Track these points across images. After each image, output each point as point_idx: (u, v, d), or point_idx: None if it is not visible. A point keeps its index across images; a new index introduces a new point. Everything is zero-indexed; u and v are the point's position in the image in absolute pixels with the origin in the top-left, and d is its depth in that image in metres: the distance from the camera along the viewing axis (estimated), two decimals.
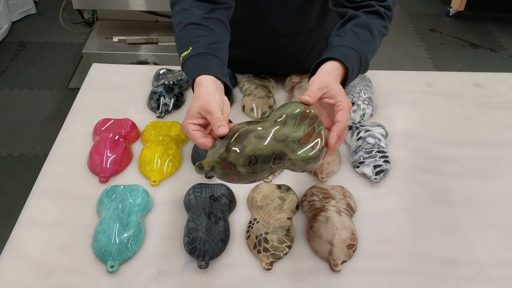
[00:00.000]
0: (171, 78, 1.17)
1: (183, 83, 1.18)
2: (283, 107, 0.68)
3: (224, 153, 0.63)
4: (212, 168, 0.63)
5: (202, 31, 0.84)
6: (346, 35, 0.84)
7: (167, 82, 1.15)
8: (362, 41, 0.83)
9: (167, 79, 1.17)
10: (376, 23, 0.87)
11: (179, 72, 1.20)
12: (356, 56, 0.80)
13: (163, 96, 1.11)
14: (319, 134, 0.66)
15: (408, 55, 2.91)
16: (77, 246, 0.82)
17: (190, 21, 0.85)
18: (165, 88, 1.13)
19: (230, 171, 0.63)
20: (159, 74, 1.20)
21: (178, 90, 1.15)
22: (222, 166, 0.63)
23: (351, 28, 0.85)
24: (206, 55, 0.80)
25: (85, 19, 2.56)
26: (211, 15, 0.87)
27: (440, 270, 0.81)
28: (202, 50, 0.80)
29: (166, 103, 1.11)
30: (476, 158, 1.03)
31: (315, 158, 0.64)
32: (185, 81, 1.18)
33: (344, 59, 0.77)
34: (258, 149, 0.63)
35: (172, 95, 1.12)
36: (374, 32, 0.86)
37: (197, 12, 0.86)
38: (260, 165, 0.63)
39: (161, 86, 1.13)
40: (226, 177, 0.64)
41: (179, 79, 1.18)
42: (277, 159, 0.64)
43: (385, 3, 0.90)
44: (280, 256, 0.80)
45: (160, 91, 1.11)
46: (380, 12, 0.88)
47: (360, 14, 0.87)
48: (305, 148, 0.64)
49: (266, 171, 0.64)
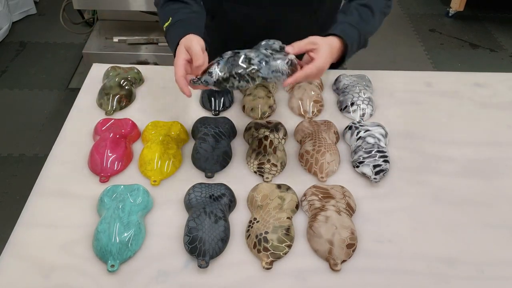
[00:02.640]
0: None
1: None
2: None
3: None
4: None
5: (178, 5, 0.97)
6: (350, 13, 0.94)
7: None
8: (363, 19, 0.94)
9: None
10: (378, 2, 0.97)
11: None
12: (355, 33, 0.91)
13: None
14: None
15: (408, 55, 2.91)
16: (77, 245, 0.82)
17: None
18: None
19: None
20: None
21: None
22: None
23: (355, 7, 0.95)
24: (185, 20, 0.93)
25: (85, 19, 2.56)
26: None
27: (440, 270, 0.81)
28: (181, 17, 0.93)
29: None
30: (476, 158, 1.03)
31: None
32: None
33: (344, 36, 0.88)
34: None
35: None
36: (375, 11, 0.95)
37: None
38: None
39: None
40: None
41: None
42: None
43: None
44: (280, 256, 0.80)
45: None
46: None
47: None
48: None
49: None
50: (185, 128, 1.06)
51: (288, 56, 0.83)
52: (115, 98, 1.12)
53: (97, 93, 1.15)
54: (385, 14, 0.99)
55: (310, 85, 1.15)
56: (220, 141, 0.99)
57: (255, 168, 0.96)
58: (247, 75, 0.82)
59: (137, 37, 2.28)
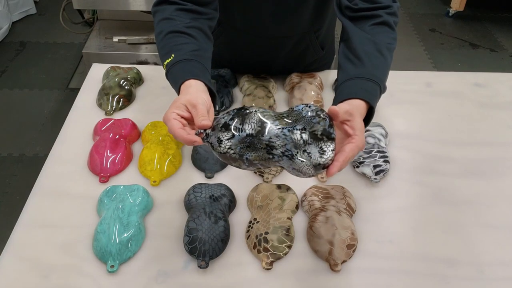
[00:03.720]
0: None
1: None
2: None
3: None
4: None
5: (184, 39, 0.83)
6: (362, 63, 0.80)
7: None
8: (377, 67, 0.80)
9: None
10: (384, 38, 0.83)
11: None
12: (377, 88, 0.78)
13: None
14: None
15: (408, 55, 2.91)
16: (77, 246, 0.82)
17: (172, 29, 0.84)
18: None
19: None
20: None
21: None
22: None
23: (364, 51, 0.81)
24: (190, 61, 0.79)
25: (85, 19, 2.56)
26: (193, 24, 0.86)
27: (440, 270, 0.81)
28: (185, 57, 0.79)
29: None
30: (476, 158, 1.03)
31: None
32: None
33: (369, 99, 0.74)
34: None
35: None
36: (384, 52, 0.82)
37: (179, 21, 0.85)
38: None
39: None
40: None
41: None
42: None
43: (391, 9, 0.86)
44: (280, 256, 0.80)
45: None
46: (388, 22, 0.85)
47: (367, 28, 0.84)
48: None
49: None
50: None
51: (323, 156, 0.64)
52: (114, 98, 1.12)
53: (97, 93, 1.15)
54: (393, 49, 0.85)
55: (310, 85, 1.15)
56: None
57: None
58: (260, 164, 0.67)
59: (137, 37, 2.28)
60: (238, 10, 1.07)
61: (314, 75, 1.20)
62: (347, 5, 0.88)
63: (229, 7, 0.99)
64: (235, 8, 1.06)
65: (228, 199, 0.88)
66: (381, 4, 0.86)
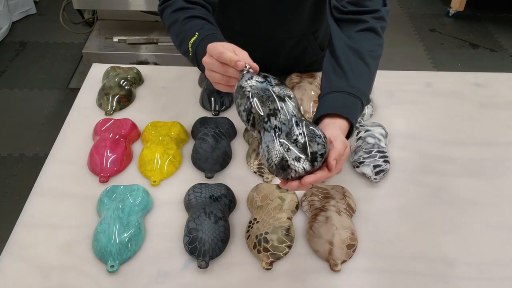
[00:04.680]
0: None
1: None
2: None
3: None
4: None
5: (201, 21, 0.86)
6: (345, 74, 0.80)
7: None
8: (360, 78, 0.80)
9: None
10: (369, 46, 0.83)
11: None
12: (358, 103, 0.78)
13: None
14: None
15: (408, 55, 2.91)
16: (77, 246, 0.82)
17: (189, 15, 0.86)
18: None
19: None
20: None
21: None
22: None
23: (347, 62, 0.81)
24: (216, 35, 0.82)
25: (85, 19, 2.56)
26: (205, 11, 0.89)
27: (440, 270, 0.81)
28: (211, 32, 0.82)
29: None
30: (476, 158, 1.03)
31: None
32: None
33: (349, 115, 0.75)
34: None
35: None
36: (369, 61, 0.81)
37: (192, 9, 0.88)
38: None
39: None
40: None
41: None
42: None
43: (379, 13, 0.85)
44: (280, 256, 0.80)
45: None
46: (374, 28, 0.84)
47: (353, 35, 0.83)
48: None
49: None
50: (185, 128, 1.05)
51: (295, 164, 0.65)
52: (114, 98, 1.12)
53: (97, 93, 1.15)
54: (379, 57, 0.85)
55: (310, 85, 1.15)
56: (220, 141, 0.99)
57: (255, 168, 0.96)
58: (252, 119, 0.69)
59: (137, 37, 2.28)
60: (236, 11, 1.07)
61: (314, 75, 1.20)
62: (335, 5, 0.88)
63: (227, 7, 0.99)
64: (234, 8, 1.06)
65: (228, 199, 0.88)
66: (369, 8, 0.86)
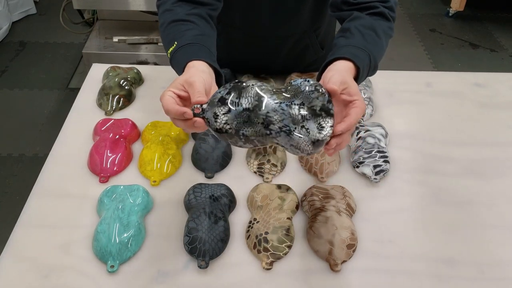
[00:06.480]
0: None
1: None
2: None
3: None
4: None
5: (185, 26, 0.83)
6: (353, 36, 0.80)
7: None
8: (369, 41, 0.80)
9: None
10: (381, 24, 0.85)
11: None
12: (366, 56, 0.77)
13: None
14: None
15: (408, 55, 2.91)
16: (77, 246, 0.82)
17: (173, 18, 0.84)
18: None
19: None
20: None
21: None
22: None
23: (357, 28, 0.81)
24: (192, 45, 0.79)
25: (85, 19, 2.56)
26: (194, 11, 0.86)
27: (440, 270, 0.81)
28: (188, 41, 0.79)
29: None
30: (476, 158, 1.03)
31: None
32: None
33: (355, 59, 0.74)
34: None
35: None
36: (379, 33, 0.83)
37: (179, 11, 0.86)
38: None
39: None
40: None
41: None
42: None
43: (388, 3, 0.88)
44: (280, 256, 0.80)
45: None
46: (384, 13, 0.87)
47: (363, 15, 0.86)
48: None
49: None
50: None
51: (322, 132, 0.62)
52: (115, 98, 1.12)
53: (97, 93, 1.15)
54: (390, 36, 0.87)
55: None
56: (220, 141, 0.99)
57: (255, 168, 0.96)
58: (257, 141, 0.65)
59: (137, 37, 2.28)
60: (237, 9, 1.07)
61: (314, 75, 1.20)
62: (344, 0, 0.90)
63: (228, 6, 0.99)
64: (235, 7, 1.06)
65: (228, 199, 0.88)
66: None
